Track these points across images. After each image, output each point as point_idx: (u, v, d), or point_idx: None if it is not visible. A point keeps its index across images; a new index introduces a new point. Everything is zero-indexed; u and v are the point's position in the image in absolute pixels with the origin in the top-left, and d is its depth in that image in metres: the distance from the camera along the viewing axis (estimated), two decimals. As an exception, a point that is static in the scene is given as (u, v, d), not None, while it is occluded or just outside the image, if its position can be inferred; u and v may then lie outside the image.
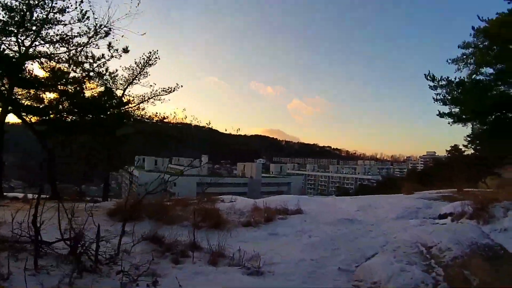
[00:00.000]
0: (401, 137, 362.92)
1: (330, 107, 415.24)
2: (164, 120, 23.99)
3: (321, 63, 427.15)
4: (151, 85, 22.37)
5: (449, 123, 20.05)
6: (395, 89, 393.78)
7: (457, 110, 19.79)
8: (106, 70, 19.99)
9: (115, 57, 19.06)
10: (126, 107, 22.50)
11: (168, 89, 23.01)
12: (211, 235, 8.08)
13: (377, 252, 7.20)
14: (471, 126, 21.06)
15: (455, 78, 18.45)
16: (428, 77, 19.06)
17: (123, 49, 19.21)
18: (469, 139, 36.30)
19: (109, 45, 18.30)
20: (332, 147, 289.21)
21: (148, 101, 22.86)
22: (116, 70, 21.12)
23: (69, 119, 19.95)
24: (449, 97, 18.97)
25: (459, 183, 16.60)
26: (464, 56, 18.39)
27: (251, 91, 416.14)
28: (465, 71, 18.96)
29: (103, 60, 18.92)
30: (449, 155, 40.76)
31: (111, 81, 21.30)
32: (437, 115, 19.96)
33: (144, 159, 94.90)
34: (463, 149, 36.88)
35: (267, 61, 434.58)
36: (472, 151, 35.99)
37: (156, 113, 23.50)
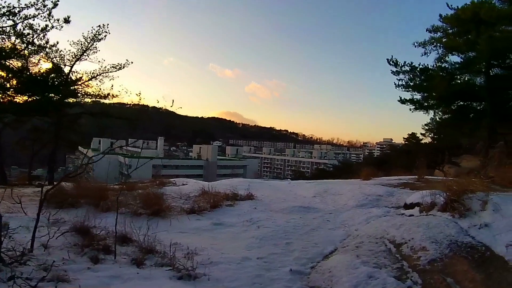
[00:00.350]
0: (358, 123, 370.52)
1: (288, 91, 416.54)
2: (114, 99, 23.22)
3: (279, 47, 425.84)
4: (99, 61, 21.44)
5: (410, 109, 19.56)
6: (354, 74, 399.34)
7: (419, 97, 19.29)
8: (47, 42, 18.80)
9: (56, 28, 18.06)
10: (75, 85, 21.57)
11: (117, 66, 21.97)
12: (150, 223, 6.84)
13: (336, 247, 6.11)
14: (432, 113, 20.46)
15: (419, 64, 17.90)
16: (391, 62, 18.37)
17: (64, 19, 18.26)
18: (426, 128, 36.95)
19: (49, 14, 17.31)
20: (289, 131, 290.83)
21: (97, 78, 21.81)
22: (57, 43, 19.72)
23: (18, 100, 19.31)
24: (412, 84, 18.40)
25: (420, 170, 16.20)
26: (433, 40, 17.70)
27: (210, 73, 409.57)
28: (433, 55, 18.48)
29: (44, 32, 17.99)
30: (406, 142, 41.59)
31: (58, 56, 20.24)
32: (399, 101, 19.43)
33: (100, 141, 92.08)
34: (421, 137, 38.37)
35: (225, 44, 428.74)
36: (430, 140, 36.79)
37: (108, 93, 22.47)
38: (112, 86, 21.94)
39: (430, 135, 36.45)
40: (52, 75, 19.88)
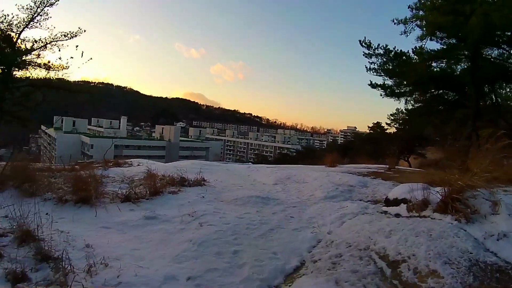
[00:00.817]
0: (323, 109, 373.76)
1: (253, 74, 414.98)
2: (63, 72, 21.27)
3: (246, 27, 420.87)
4: (48, 28, 19.61)
5: (381, 95, 18.26)
6: (321, 59, 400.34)
7: (390, 82, 17.99)
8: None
9: None
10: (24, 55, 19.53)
11: (69, 34, 20.14)
12: (75, 212, 5.94)
13: (303, 260, 4.41)
14: (404, 101, 19.10)
15: (394, 48, 16.46)
16: (363, 44, 16.97)
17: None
18: (392, 117, 36.49)
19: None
20: (253, 114, 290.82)
21: (46, 48, 19.97)
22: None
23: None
24: (385, 68, 17.07)
25: (391, 159, 15.18)
26: (416, 17, 16.17)
27: (175, 52, 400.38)
28: (413, 35, 17.02)
29: None
30: (371, 131, 41.35)
31: (5, 22, 18.62)
32: (369, 85, 18.15)
33: (63, 119, 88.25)
34: (386, 127, 37.86)
35: (192, 23, 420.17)
36: (394, 130, 36.33)
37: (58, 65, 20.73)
38: (60, 57, 20.09)
39: (395, 125, 36.17)
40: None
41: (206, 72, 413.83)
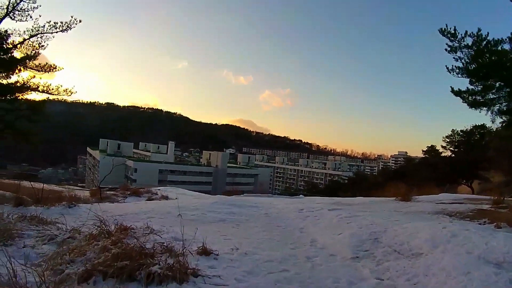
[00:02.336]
0: (372, 135, 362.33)
1: (301, 100, 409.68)
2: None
3: (293, 55, 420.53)
4: (30, 16, 16.30)
5: (466, 103, 13.91)
6: (370, 86, 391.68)
7: (475, 87, 13.81)
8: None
9: None
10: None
11: (60, 25, 16.86)
12: None
13: None
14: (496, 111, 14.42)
15: (487, 35, 12.54)
16: (446, 33, 13.01)
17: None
18: (447, 140, 32.37)
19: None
20: (303, 140, 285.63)
21: (30, 41, 16.68)
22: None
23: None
24: (474, 63, 12.92)
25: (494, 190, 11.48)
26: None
27: (223, 80, 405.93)
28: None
29: None
30: (425, 155, 37.49)
31: None
32: (452, 92, 13.92)
33: (108, 142, 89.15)
34: (441, 150, 34.59)
35: (239, 50, 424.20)
36: (449, 153, 33.50)
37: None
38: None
39: (451, 148, 33.56)
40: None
41: (255, 99, 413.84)
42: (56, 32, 16.85)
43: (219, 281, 3.59)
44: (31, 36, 16.35)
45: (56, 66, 17.39)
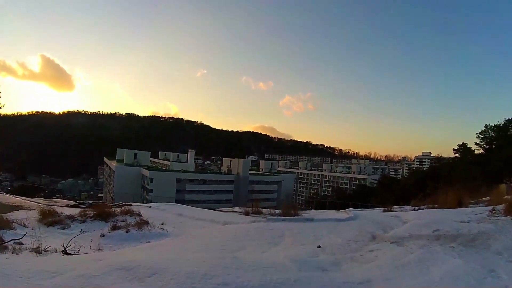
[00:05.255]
0: (395, 136, 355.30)
1: (322, 104, 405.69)
2: None
3: (313, 59, 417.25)
4: None
5: None
6: (390, 87, 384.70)
7: None
8: None
9: None
10: None
11: None
12: None
13: None
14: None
15: None
16: None
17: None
18: (481, 136, 29.99)
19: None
20: (325, 145, 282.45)
21: None
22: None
23: None
24: None
25: None
26: None
27: (243, 86, 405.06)
28: None
29: None
30: (457, 154, 35.04)
31: None
32: None
33: (124, 151, 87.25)
34: (474, 147, 32.26)
35: (259, 56, 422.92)
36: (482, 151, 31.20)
37: None
38: None
39: (484, 145, 30.95)
40: None
41: (276, 105, 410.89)
42: None
43: None
44: None
45: None
